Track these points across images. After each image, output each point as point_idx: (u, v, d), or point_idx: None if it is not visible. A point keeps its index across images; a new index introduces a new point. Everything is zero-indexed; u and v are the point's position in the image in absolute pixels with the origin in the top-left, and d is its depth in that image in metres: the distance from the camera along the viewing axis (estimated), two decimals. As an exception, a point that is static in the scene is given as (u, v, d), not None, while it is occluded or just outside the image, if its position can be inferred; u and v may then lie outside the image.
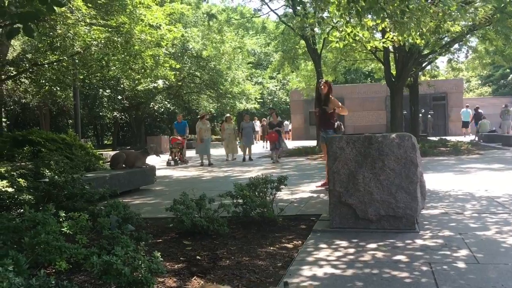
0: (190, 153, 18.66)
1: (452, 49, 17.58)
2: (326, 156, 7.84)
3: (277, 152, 14.38)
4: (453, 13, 6.99)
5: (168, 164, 14.92)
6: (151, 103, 28.42)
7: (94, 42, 11.92)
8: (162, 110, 31.02)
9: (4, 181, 6.10)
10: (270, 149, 15.05)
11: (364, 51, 18.51)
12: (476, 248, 3.65)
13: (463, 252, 3.57)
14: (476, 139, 20.92)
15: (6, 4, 3.70)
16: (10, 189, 5.73)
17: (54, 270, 3.13)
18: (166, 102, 29.62)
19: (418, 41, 7.51)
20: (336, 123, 7.69)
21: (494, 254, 3.52)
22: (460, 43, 16.97)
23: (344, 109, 7.70)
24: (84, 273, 3.37)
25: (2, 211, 5.10)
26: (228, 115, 17.23)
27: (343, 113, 7.78)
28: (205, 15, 25.44)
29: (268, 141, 16.98)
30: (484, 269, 3.19)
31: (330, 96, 7.62)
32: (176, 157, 15.18)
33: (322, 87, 7.65)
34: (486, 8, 10.83)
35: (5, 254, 2.42)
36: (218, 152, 19.93)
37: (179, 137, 15.43)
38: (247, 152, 15.57)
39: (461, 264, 3.29)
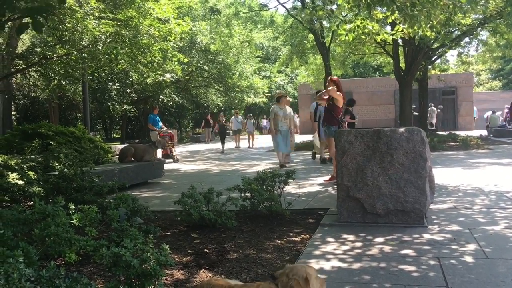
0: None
1: (462, 42, 17.41)
2: (330, 150, 7.95)
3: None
4: (464, 6, 6.91)
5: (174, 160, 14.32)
6: (160, 97, 28.44)
7: (103, 36, 11.94)
8: (171, 103, 31.04)
9: (15, 174, 6.16)
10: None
11: (373, 45, 18.37)
12: (484, 243, 3.63)
13: (472, 247, 3.55)
14: None
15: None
16: (20, 182, 5.79)
17: (63, 262, 3.17)
18: (175, 96, 29.62)
19: (428, 34, 7.44)
20: (341, 121, 7.74)
21: (503, 248, 3.50)
22: (471, 36, 16.78)
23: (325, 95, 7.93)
24: (93, 265, 3.40)
25: (13, 203, 5.16)
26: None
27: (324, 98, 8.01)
28: (210, 10, 25.42)
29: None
30: (492, 263, 3.17)
31: (338, 92, 7.61)
32: (173, 153, 14.58)
33: (327, 84, 7.83)
34: (497, 0, 10.70)
35: (16, 246, 2.45)
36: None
37: (170, 131, 15.21)
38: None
39: (469, 259, 3.27)
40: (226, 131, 18.69)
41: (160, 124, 15.06)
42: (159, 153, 13.73)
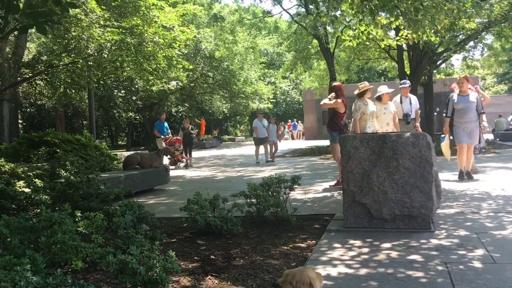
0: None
1: (467, 46, 17.33)
2: (334, 156, 7.95)
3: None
4: (468, 10, 6.89)
5: (177, 167, 14.10)
6: (166, 105, 28.58)
7: (108, 44, 12.03)
8: (175, 110, 31.16)
9: (21, 182, 6.19)
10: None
11: (378, 50, 18.35)
12: (492, 248, 3.60)
13: (479, 252, 3.53)
14: None
15: (22, 7, 3.76)
16: (27, 190, 5.81)
17: (70, 269, 3.17)
18: (180, 106, 29.77)
19: (432, 39, 7.43)
20: (344, 127, 7.73)
21: (511, 253, 3.47)
22: (475, 40, 16.72)
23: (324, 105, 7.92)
24: (100, 272, 3.40)
25: (20, 211, 5.18)
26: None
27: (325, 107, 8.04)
28: (213, 17, 25.54)
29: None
30: (501, 269, 3.14)
31: (337, 99, 7.63)
32: (185, 159, 14.32)
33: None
34: (502, 4, 10.66)
35: (23, 254, 2.46)
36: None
37: (177, 137, 14.97)
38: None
39: (477, 264, 3.24)
40: (192, 140, 16.01)
41: (167, 131, 14.84)
42: (165, 160, 13.64)
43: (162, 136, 14.33)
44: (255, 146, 14.86)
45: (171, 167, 13.30)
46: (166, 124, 14.94)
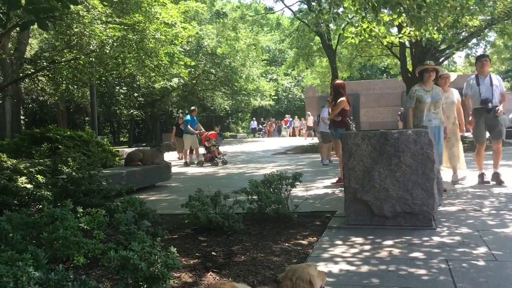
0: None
1: (469, 44, 17.31)
2: (337, 152, 7.92)
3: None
4: (471, 7, 6.85)
5: (214, 163, 13.07)
6: (168, 103, 28.62)
7: (110, 40, 12.02)
8: (177, 108, 31.19)
9: (23, 178, 6.20)
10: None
11: (380, 47, 18.30)
12: (494, 246, 3.60)
13: (481, 250, 3.52)
14: None
15: (23, 2, 3.77)
16: (29, 186, 5.83)
17: (72, 265, 3.18)
18: (180, 106, 29.80)
19: (435, 36, 7.40)
20: (348, 124, 7.68)
21: (513, 251, 3.46)
22: (478, 37, 16.68)
23: (333, 113, 7.73)
24: (101, 268, 3.41)
25: (22, 207, 5.19)
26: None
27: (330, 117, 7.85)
28: (216, 14, 25.51)
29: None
30: (502, 266, 3.14)
31: (342, 98, 7.58)
32: (220, 155, 13.35)
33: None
34: (505, 1, 10.62)
35: (25, 249, 2.46)
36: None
37: (213, 132, 14.40)
38: None
39: (479, 262, 3.24)
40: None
41: (197, 126, 14.25)
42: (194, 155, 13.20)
43: (196, 132, 13.75)
44: (324, 143, 11.84)
45: (206, 163, 13.02)
46: (195, 120, 14.38)
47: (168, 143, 10.61)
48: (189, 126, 13.75)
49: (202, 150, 14.10)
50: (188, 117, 14.28)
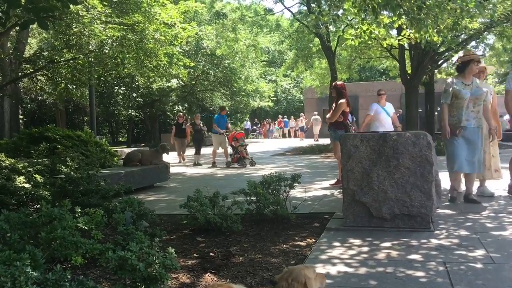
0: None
1: (469, 46, 17.32)
2: (336, 154, 7.91)
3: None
4: (471, 10, 6.86)
5: (242, 164, 12.32)
6: (167, 104, 28.60)
7: (109, 40, 12.02)
8: (176, 108, 31.17)
9: (22, 177, 6.19)
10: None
11: (379, 49, 18.34)
12: (492, 248, 3.60)
13: (479, 252, 3.52)
14: None
15: (23, 2, 3.77)
16: (27, 185, 5.82)
17: (70, 265, 3.17)
18: (179, 105, 29.78)
19: (435, 38, 7.40)
20: (348, 125, 7.65)
21: (511, 254, 3.46)
22: (477, 40, 16.71)
23: (331, 117, 7.66)
24: (99, 268, 3.41)
25: (20, 206, 5.18)
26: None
27: (329, 120, 7.75)
28: (216, 14, 25.51)
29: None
30: (500, 269, 3.14)
31: (342, 100, 7.57)
32: (249, 156, 12.70)
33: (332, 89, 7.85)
34: (505, 4, 10.65)
35: (22, 249, 2.46)
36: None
37: (240, 131, 13.86)
38: None
39: (477, 264, 3.24)
40: (203, 137, 14.69)
41: (226, 125, 13.59)
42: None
43: (222, 131, 13.11)
44: None
45: (234, 164, 12.39)
46: (226, 119, 13.73)
47: (165, 144, 10.40)
48: (215, 125, 13.26)
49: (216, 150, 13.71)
50: (217, 116, 13.74)
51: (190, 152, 16.34)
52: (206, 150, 20.45)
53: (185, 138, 15.35)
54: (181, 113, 16.42)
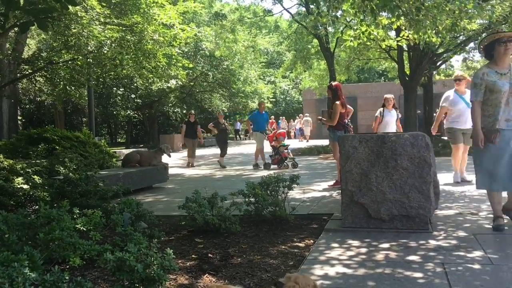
0: (202, 152, 18.36)
1: (467, 47, 17.35)
2: (335, 155, 7.92)
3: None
4: (470, 11, 6.89)
5: (284, 166, 11.55)
6: (166, 105, 28.60)
7: (108, 41, 12.02)
8: (175, 110, 31.18)
9: (20, 178, 6.19)
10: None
11: (378, 50, 18.37)
12: (490, 249, 3.60)
13: (477, 253, 3.53)
14: None
15: (22, 3, 3.77)
16: (25, 186, 5.82)
17: (68, 266, 3.17)
18: (178, 106, 29.78)
19: (434, 40, 7.42)
20: (344, 126, 7.64)
21: (509, 255, 3.47)
22: (476, 41, 16.73)
23: (328, 120, 7.65)
24: (97, 270, 3.40)
25: (18, 207, 5.18)
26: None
27: (329, 123, 7.71)
28: (215, 15, 25.54)
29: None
30: (498, 270, 3.14)
31: (336, 102, 7.56)
32: (291, 156, 11.77)
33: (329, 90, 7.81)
34: (503, 5, 10.67)
35: (20, 250, 2.46)
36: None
37: (282, 130, 12.69)
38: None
39: (475, 265, 3.25)
40: (227, 136, 13.75)
41: (268, 124, 12.51)
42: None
43: (259, 131, 12.15)
44: None
45: (273, 166, 11.61)
46: (266, 117, 12.63)
47: (166, 145, 10.31)
48: (248, 122, 12.35)
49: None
50: (255, 112, 12.87)
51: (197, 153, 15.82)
52: (206, 151, 20.46)
53: (197, 138, 14.28)
54: (192, 112, 15.62)
